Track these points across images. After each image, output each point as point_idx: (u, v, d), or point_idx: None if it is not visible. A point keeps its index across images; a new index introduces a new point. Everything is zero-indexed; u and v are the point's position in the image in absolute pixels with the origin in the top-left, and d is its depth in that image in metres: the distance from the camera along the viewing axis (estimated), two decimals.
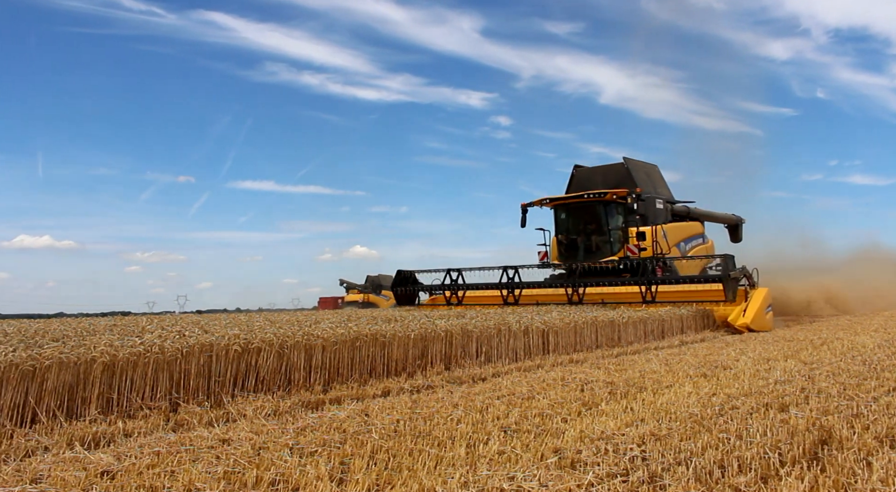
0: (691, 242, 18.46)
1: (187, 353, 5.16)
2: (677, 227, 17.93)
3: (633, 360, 7.66)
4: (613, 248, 16.76)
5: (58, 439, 3.92)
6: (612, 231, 16.83)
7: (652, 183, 18.23)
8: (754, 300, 13.10)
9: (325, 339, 6.13)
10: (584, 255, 16.83)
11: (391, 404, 4.78)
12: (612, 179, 17.46)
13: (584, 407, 4.50)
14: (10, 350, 4.56)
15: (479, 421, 4.04)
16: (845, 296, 22.80)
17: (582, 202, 17.11)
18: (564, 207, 17.66)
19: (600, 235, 16.92)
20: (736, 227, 22.94)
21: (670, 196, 18.93)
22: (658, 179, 19.04)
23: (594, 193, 16.77)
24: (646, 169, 18.72)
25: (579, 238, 17.10)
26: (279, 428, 3.91)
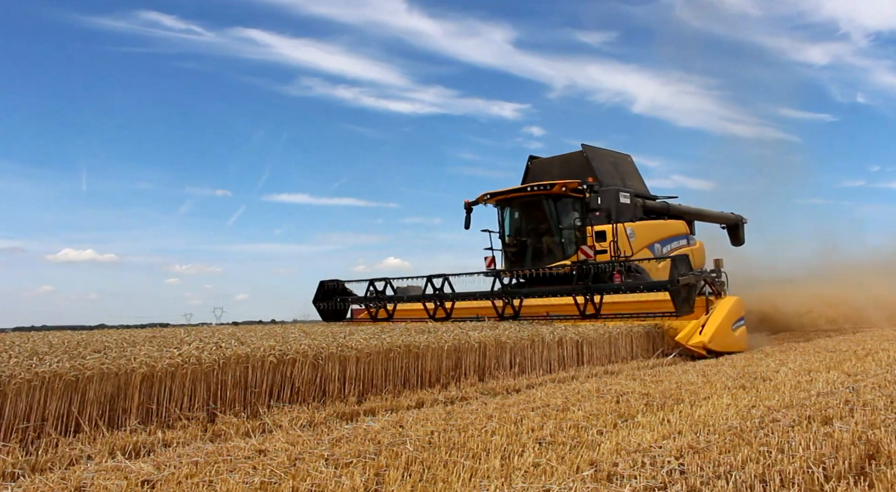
0: (671, 243, 15.78)
1: (224, 364, 5.23)
2: (650, 225, 15.44)
3: (669, 371, 7.54)
4: (566, 250, 14.01)
5: (100, 448, 4.01)
6: (563, 230, 14.14)
7: (619, 174, 15.98)
8: (717, 313, 10.24)
9: (359, 350, 6.16)
10: (532, 259, 14.19)
11: (425, 415, 4.77)
12: (571, 171, 15.05)
13: (620, 419, 4.44)
14: (55, 361, 4.68)
15: (514, 433, 4.01)
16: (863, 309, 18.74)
17: (527, 197, 14.44)
18: (507, 203, 14.96)
19: (550, 235, 14.26)
20: (736, 227, 20.47)
21: (644, 190, 16.55)
22: (629, 170, 16.73)
23: (539, 185, 14.17)
24: (612, 158, 16.44)
25: (528, 240, 14.48)
26: (314, 439, 3.93)
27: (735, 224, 20.39)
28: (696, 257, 16.21)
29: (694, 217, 18.17)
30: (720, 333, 9.91)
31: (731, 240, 20.31)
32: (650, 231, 15.20)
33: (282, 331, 9.11)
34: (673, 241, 15.93)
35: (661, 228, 15.80)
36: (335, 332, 8.17)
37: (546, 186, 14.01)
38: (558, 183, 13.91)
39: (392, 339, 6.81)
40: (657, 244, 15.13)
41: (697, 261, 16.21)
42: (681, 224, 16.69)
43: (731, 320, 10.42)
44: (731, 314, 10.44)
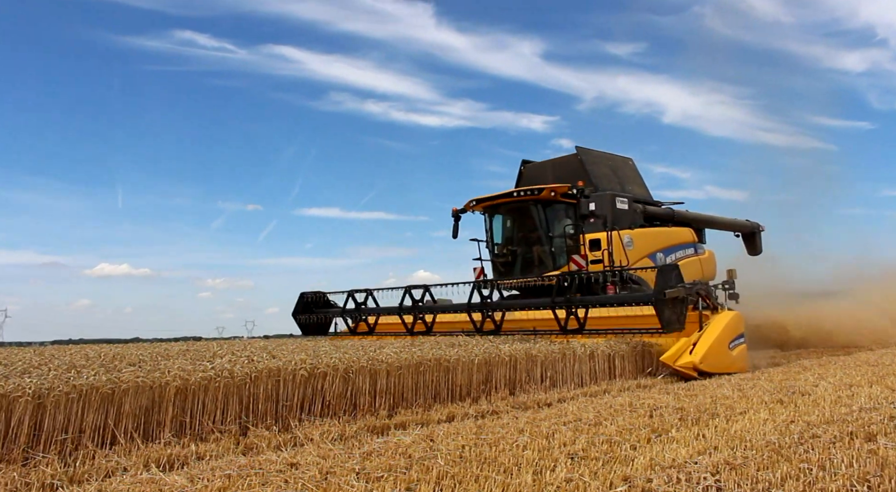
0: (675, 252, 14.62)
1: (256, 377, 5.27)
2: (651, 233, 14.30)
3: (703, 385, 7.40)
4: (557, 260, 13.04)
5: (135, 460, 4.05)
6: (554, 239, 13.17)
7: (618, 178, 14.99)
8: (711, 330, 9.18)
9: (390, 364, 6.16)
10: (522, 270, 13.27)
11: (456, 429, 4.75)
12: (565, 175, 14.12)
13: (654, 434, 4.36)
14: (92, 374, 4.77)
15: (546, 447, 3.97)
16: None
17: (514, 203, 13.49)
18: (494, 210, 14.02)
19: (541, 243, 13.29)
20: (752, 235, 19.07)
21: (645, 195, 15.51)
22: (629, 174, 15.67)
23: (526, 190, 13.20)
24: (610, 161, 15.39)
25: (518, 249, 13.58)
26: (345, 453, 3.93)
27: (751, 232, 19.09)
28: (706, 267, 15.45)
29: (703, 224, 17.04)
30: (714, 352, 8.88)
31: (747, 249, 19.06)
32: (651, 239, 14.09)
33: (312, 344, 9.16)
34: (678, 249, 14.80)
35: (663, 235, 14.68)
36: (365, 345, 8.19)
37: (534, 191, 13.05)
38: (547, 187, 12.97)
39: (422, 352, 6.81)
40: (659, 253, 14.05)
41: (707, 271, 15.44)
42: (687, 232, 15.54)
43: (728, 338, 9.32)
44: (727, 331, 9.35)
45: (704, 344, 8.83)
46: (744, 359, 9.64)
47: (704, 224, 16.97)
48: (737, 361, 9.37)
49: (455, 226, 14.41)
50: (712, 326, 9.29)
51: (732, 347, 9.38)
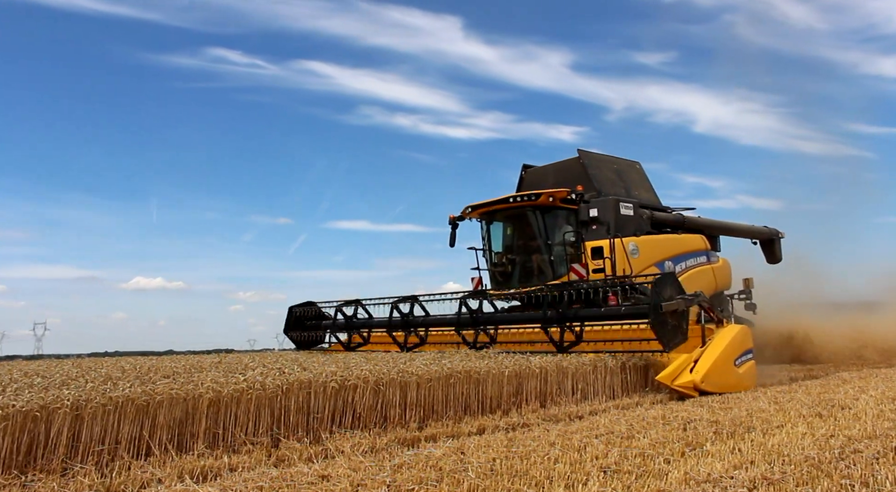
0: (685, 260, 13.79)
1: (287, 389, 5.31)
2: (658, 240, 13.43)
3: (738, 397, 7.26)
4: (557, 269, 12.27)
5: (169, 471, 4.11)
6: (553, 246, 12.38)
7: (623, 183, 14.25)
8: (714, 345, 8.38)
9: (420, 376, 6.16)
10: (521, 280, 12.58)
11: (487, 442, 4.72)
12: (567, 180, 13.41)
13: (688, 447, 4.29)
14: (128, 386, 4.85)
15: (578, 461, 3.92)
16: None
17: (511, 209, 12.86)
18: (491, 216, 13.38)
19: (539, 252, 12.59)
20: (770, 242, 18.04)
21: (653, 200, 14.71)
22: (635, 178, 14.85)
23: (522, 196, 12.59)
24: (615, 165, 14.63)
25: (516, 258, 12.94)
26: (376, 465, 3.93)
27: (770, 239, 18.05)
28: (719, 276, 14.81)
29: (717, 231, 16.16)
30: (718, 369, 8.09)
31: (766, 257, 18.09)
32: (658, 247, 13.25)
33: (343, 356, 9.20)
34: (689, 258, 13.94)
35: (672, 243, 13.80)
36: (395, 358, 8.20)
37: (531, 196, 12.39)
38: (545, 192, 12.33)
39: (452, 365, 6.79)
40: (668, 262, 13.20)
41: (721, 281, 14.87)
42: (698, 239, 14.65)
43: (734, 354, 8.50)
44: (733, 347, 8.51)
45: (707, 361, 8.06)
46: (752, 376, 8.86)
47: (718, 231, 16.22)
48: (744, 379, 8.56)
49: (452, 234, 13.79)
50: (716, 342, 8.48)
51: (739, 363, 8.56)
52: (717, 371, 8.08)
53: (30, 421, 4.12)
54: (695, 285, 12.51)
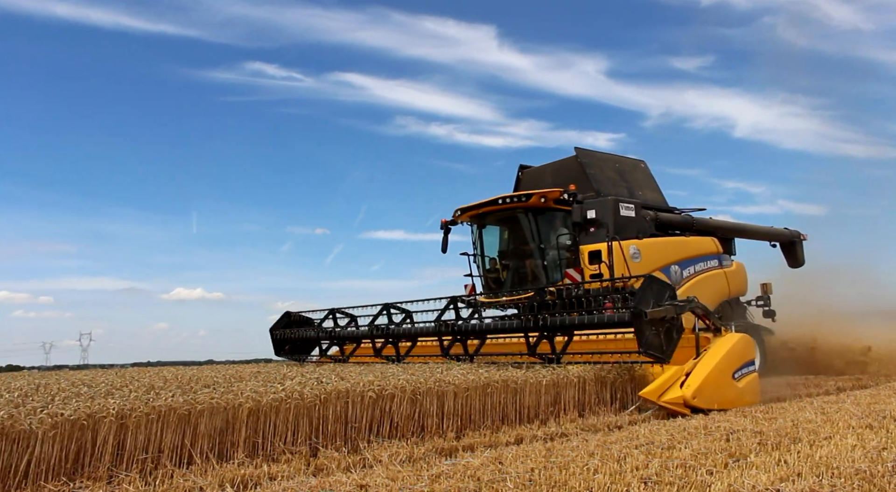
0: (694, 264, 12.92)
1: (325, 399, 5.35)
2: (663, 243, 12.60)
3: (783, 407, 7.08)
4: (551, 275, 11.62)
5: (210, 480, 4.16)
6: (547, 250, 11.70)
7: (626, 183, 13.50)
8: (709, 356, 7.52)
9: (457, 385, 6.15)
10: (513, 286, 11.98)
11: (525, 452, 4.69)
12: (565, 180, 12.67)
13: (731, 458, 4.19)
14: (170, 395, 4.94)
15: (617, 471, 3.86)
16: None
17: (501, 211, 12.18)
18: (482, 219, 12.68)
19: (532, 256, 11.91)
20: (791, 245, 16.95)
21: (660, 201, 13.91)
22: (640, 178, 14.04)
23: (512, 197, 11.85)
24: (617, 164, 13.83)
25: (509, 263, 12.34)
26: (414, 475, 3.93)
27: (790, 242, 16.96)
28: (733, 281, 13.97)
29: (730, 233, 15.24)
30: (712, 384, 7.20)
31: (787, 261, 17.03)
32: (663, 250, 12.43)
33: (381, 366, 9.24)
34: (698, 262, 13.06)
35: (679, 246, 12.96)
36: (432, 367, 8.20)
37: (522, 197, 11.70)
38: (536, 193, 11.66)
39: (489, 374, 6.77)
40: (674, 266, 12.38)
41: (734, 286, 14.04)
42: (708, 242, 13.77)
43: (732, 366, 7.62)
44: (731, 358, 7.63)
45: (700, 374, 7.19)
46: (754, 391, 7.95)
47: (732, 233, 15.30)
48: (744, 394, 7.67)
49: (444, 239, 13.19)
50: (711, 353, 7.60)
51: (738, 376, 7.68)
52: (712, 385, 7.19)
53: (77, 429, 4.23)
54: (705, 291, 12.19)
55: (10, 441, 3.99)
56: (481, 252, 12.85)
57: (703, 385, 7.04)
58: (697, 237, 13.57)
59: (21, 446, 4.02)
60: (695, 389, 6.96)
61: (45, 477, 4.04)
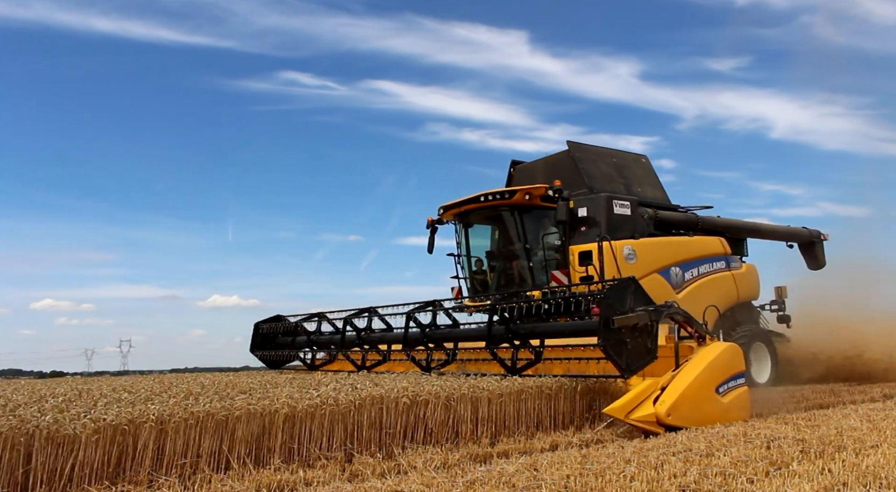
0: (698, 266, 12.13)
1: (360, 405, 5.38)
2: (662, 243, 11.76)
3: (826, 414, 6.91)
4: (537, 277, 10.93)
5: (248, 485, 4.21)
6: (532, 251, 10.99)
7: (623, 179, 12.66)
8: (689, 369, 6.64)
9: (491, 391, 6.13)
10: (499, 289, 11.33)
11: (560, 458, 4.65)
12: (557, 176, 11.83)
13: (773, 467, 4.10)
14: (207, 401, 5.01)
15: (655, 479, 3.81)
16: None
17: (484, 209, 11.52)
18: (466, 218, 12.03)
19: (518, 257, 11.26)
20: (811, 246, 15.97)
21: (661, 198, 13.08)
22: (640, 174, 13.21)
23: (495, 193, 11.15)
24: (614, 158, 12.99)
25: (497, 264, 11.73)
26: (449, 481, 3.92)
27: (810, 242, 15.95)
28: (742, 284, 13.16)
29: (741, 233, 14.34)
30: (691, 399, 6.37)
31: (807, 263, 16.05)
32: (663, 250, 11.61)
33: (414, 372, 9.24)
34: (702, 263, 12.27)
35: (681, 246, 12.13)
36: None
37: (505, 194, 11.05)
38: (521, 189, 11.01)
39: (523, 379, 6.73)
40: (675, 268, 11.60)
41: (744, 289, 13.22)
42: (715, 242, 12.95)
43: (716, 380, 6.75)
44: (714, 370, 6.76)
45: (677, 388, 6.36)
46: (742, 407, 7.00)
47: (744, 233, 14.39)
48: (731, 410, 6.78)
49: (430, 238, 12.56)
50: (692, 364, 6.72)
51: (723, 391, 6.78)
52: (691, 401, 6.39)
53: (119, 434, 4.31)
54: (709, 295, 11.71)
55: (55, 445, 4.10)
56: (467, 253, 12.21)
57: (679, 401, 6.24)
58: (702, 237, 12.83)
59: (66, 450, 4.12)
60: (670, 405, 6.17)
61: (89, 480, 4.13)
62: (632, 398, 6.26)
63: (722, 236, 13.12)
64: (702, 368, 6.66)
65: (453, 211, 12.03)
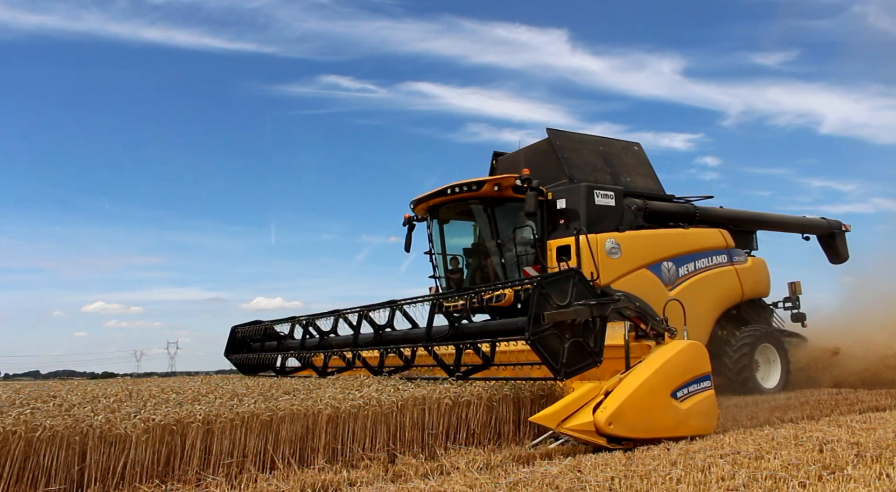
0: (694, 261, 11.21)
1: (402, 406, 5.40)
2: (651, 236, 10.82)
3: (882, 418, 6.68)
4: (510, 273, 10.23)
5: (292, 485, 4.26)
6: (505, 246, 10.20)
7: (609, 168, 11.58)
8: (638, 371, 5.81)
9: (533, 392, 6.09)
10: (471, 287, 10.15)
11: (604, 460, 4.59)
12: (539, 166, 11.00)
13: (826, 471, 3.97)
14: (252, 402, 5.10)
15: (702, 481, 3.73)
16: None
17: (454, 202, 10.68)
18: (439, 212, 11.18)
19: (491, 254, 10.53)
20: (830, 238, 14.72)
21: (654, 188, 11.98)
22: (629, 163, 12.09)
23: (463, 185, 10.26)
24: (600, 146, 11.90)
25: (472, 261, 11.04)
26: (492, 482, 3.91)
27: (829, 234, 14.69)
28: (747, 280, 12.12)
29: (747, 225, 13.16)
30: (640, 405, 5.53)
31: (828, 256, 14.86)
32: (652, 244, 10.71)
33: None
34: (699, 257, 11.32)
35: (674, 239, 11.15)
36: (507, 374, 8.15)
37: (473, 186, 10.14)
38: (490, 180, 10.13)
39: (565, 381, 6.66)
40: (667, 263, 10.69)
41: (749, 285, 12.19)
42: (715, 234, 11.93)
43: (672, 383, 5.85)
44: (669, 372, 5.87)
45: (622, 393, 5.52)
46: (706, 414, 6.07)
47: (750, 224, 13.21)
48: (690, 419, 5.87)
49: (407, 235, 11.74)
50: (644, 365, 5.89)
51: (682, 396, 5.90)
52: (639, 407, 5.53)
53: (167, 434, 4.42)
54: (708, 291, 11.09)
55: (107, 444, 4.22)
56: (442, 250, 11.36)
57: (624, 407, 5.42)
58: (701, 229, 11.87)
59: (117, 448, 4.24)
60: (611, 412, 5.34)
61: (140, 479, 4.24)
62: (567, 404, 5.51)
63: (724, 228, 12.24)
64: (653, 369, 5.84)
65: (423, 205, 11.26)
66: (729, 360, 10.96)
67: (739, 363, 10.94)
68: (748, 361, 11.05)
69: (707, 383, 6.21)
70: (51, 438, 4.09)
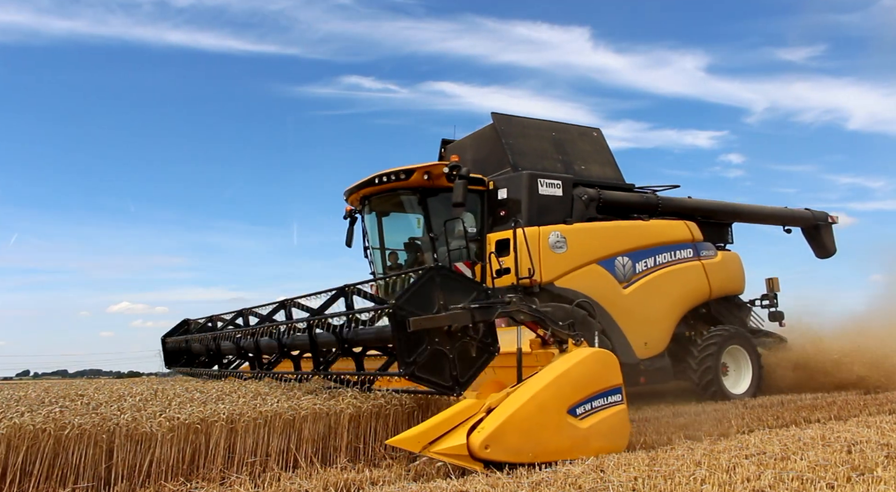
0: (655, 254, 10.25)
1: (424, 405, 5.41)
2: (605, 228, 9.94)
3: None
4: None
5: (315, 483, 4.29)
6: (437, 240, 9.35)
7: (561, 156, 10.62)
8: (529, 385, 4.96)
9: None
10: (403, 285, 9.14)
11: (627, 460, 4.56)
12: (484, 152, 10.40)
13: (854, 472, 3.91)
14: (275, 401, 5.13)
15: (727, 482, 3.69)
16: None
17: (382, 193, 9.82)
18: (370, 203, 10.22)
19: (424, 249, 9.83)
20: (815, 230, 13.69)
21: (612, 176, 11.07)
22: (586, 150, 11.13)
23: (390, 174, 9.42)
24: (553, 132, 10.92)
25: (409, 256, 10.25)
26: (514, 482, 3.90)
27: (813, 226, 13.65)
28: (715, 276, 11.06)
29: (719, 216, 12.16)
30: (526, 424, 4.68)
31: (813, 250, 13.87)
32: (604, 237, 9.78)
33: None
34: (660, 252, 10.33)
35: (631, 232, 10.21)
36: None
37: (401, 174, 9.31)
38: (419, 168, 9.23)
39: None
40: (622, 258, 9.80)
41: (718, 282, 11.12)
42: (679, 226, 10.92)
43: (569, 398, 4.97)
44: (566, 386, 5.00)
45: (504, 411, 4.68)
46: (613, 433, 5.21)
47: (722, 216, 12.19)
48: (591, 438, 4.99)
49: (349, 230, 10.79)
50: (536, 379, 5.02)
51: (582, 413, 5.00)
52: (525, 427, 4.67)
53: (192, 433, 4.47)
54: (670, 289, 10.23)
55: (134, 442, 4.28)
56: (380, 245, 10.41)
57: (504, 428, 4.57)
58: (663, 221, 10.87)
59: (143, 447, 4.30)
60: (489, 434, 4.50)
61: (165, 477, 4.30)
62: (438, 423, 4.67)
63: (692, 220, 11.25)
64: (545, 382, 4.94)
65: (354, 196, 10.34)
66: (693, 361, 10.07)
67: (703, 365, 10.00)
68: (713, 363, 10.05)
69: (617, 396, 5.33)
70: (79, 436, 4.16)
